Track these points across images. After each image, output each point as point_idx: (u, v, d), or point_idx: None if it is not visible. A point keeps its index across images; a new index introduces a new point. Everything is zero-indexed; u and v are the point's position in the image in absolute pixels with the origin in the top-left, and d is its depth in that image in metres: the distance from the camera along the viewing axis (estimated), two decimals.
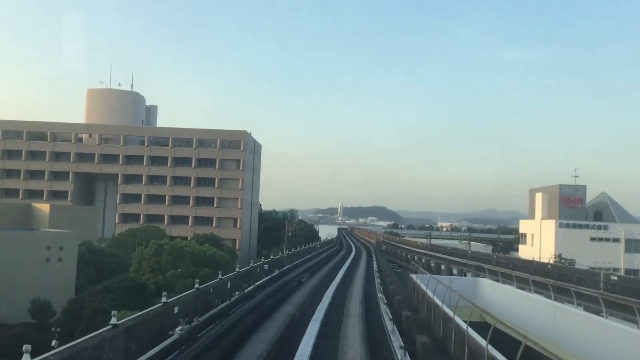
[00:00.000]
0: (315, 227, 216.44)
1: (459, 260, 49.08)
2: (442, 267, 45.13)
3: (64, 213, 71.73)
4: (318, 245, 58.21)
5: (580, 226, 66.72)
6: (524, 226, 79.02)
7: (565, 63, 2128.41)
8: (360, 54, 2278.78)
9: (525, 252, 75.54)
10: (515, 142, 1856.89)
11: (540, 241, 70.76)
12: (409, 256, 62.05)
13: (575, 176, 71.22)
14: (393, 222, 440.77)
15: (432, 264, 49.62)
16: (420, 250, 63.98)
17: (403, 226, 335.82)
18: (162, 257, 43.75)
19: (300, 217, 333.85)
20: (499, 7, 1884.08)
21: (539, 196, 72.87)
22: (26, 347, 11.70)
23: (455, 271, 40.22)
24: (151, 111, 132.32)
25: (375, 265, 48.55)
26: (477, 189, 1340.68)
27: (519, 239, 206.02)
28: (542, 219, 71.34)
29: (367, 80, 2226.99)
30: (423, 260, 55.15)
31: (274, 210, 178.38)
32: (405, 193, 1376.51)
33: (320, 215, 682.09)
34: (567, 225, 66.52)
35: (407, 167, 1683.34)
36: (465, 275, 37.02)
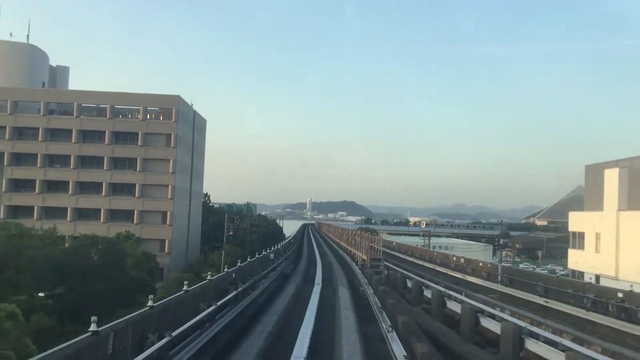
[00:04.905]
0: (279, 222, 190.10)
1: None
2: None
3: None
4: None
5: None
6: (579, 221, 52.06)
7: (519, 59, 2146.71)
8: (331, 46, 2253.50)
9: (583, 261, 49.47)
10: (484, 136, 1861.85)
11: (617, 246, 44.56)
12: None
13: None
14: (364, 217, 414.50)
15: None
16: (485, 285, 31.62)
17: (376, 221, 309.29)
18: None
19: (268, 212, 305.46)
20: (483, 7, 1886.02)
21: (611, 174, 46.22)
22: None
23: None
24: (60, 73, 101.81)
25: None
26: (445, 183, 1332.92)
27: (504, 234, 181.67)
28: (619, 209, 45.25)
29: (334, 75, 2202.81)
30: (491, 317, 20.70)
31: (233, 203, 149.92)
32: (374, 188, 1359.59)
33: (289, 210, 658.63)
34: None
35: (376, 162, 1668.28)
36: None
